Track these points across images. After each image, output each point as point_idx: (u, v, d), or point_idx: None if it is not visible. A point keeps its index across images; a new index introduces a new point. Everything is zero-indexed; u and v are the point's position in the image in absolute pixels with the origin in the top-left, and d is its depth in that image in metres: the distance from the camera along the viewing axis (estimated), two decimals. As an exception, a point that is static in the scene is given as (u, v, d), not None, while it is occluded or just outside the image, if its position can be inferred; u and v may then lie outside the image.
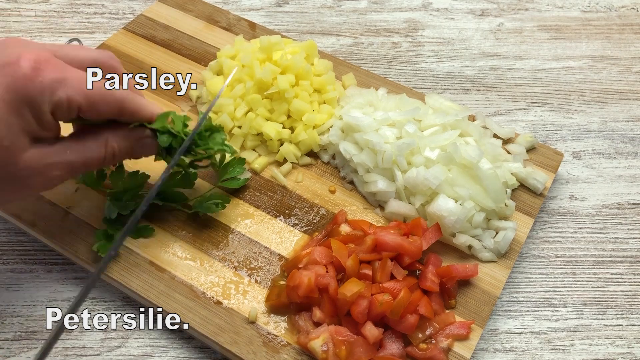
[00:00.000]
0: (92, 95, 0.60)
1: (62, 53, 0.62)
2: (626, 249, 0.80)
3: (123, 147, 0.66)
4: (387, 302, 0.63)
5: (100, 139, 0.64)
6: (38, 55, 0.58)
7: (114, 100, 0.62)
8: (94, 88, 0.60)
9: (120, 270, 0.71)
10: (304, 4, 1.11)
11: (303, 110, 0.81)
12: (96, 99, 0.60)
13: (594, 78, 1.00)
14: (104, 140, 0.64)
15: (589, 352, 0.71)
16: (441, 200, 0.72)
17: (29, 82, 0.56)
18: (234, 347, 0.65)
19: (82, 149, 0.63)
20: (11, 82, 0.56)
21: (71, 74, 0.59)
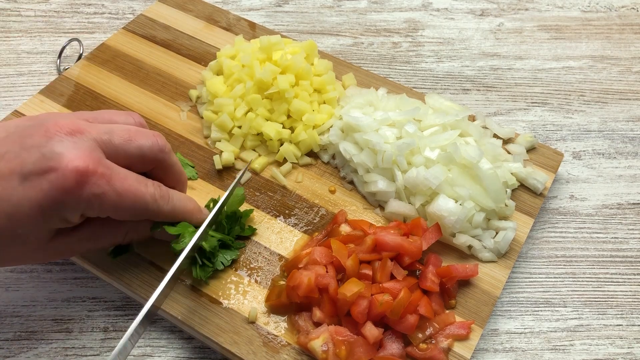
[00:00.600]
0: (123, 209, 0.59)
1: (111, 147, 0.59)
2: (626, 249, 0.80)
3: (141, 234, 0.67)
4: (387, 302, 0.63)
5: (120, 231, 0.64)
6: (86, 163, 0.55)
7: (144, 212, 0.61)
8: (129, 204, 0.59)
9: (120, 270, 0.71)
10: (304, 4, 1.11)
11: (303, 110, 0.81)
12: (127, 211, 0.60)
13: (594, 78, 1.00)
14: (124, 232, 0.65)
15: (589, 352, 0.71)
16: (441, 200, 0.72)
17: (69, 195, 0.55)
18: (234, 347, 0.65)
19: (102, 239, 0.64)
20: (52, 190, 0.54)
21: (114, 186, 0.57)
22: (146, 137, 0.62)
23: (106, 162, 0.58)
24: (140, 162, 0.62)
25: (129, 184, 0.59)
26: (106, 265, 0.71)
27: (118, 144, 0.60)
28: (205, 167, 0.81)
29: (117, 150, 0.59)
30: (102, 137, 0.58)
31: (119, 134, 0.60)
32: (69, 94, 0.88)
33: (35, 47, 1.01)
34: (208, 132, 0.84)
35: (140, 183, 0.60)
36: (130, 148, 0.60)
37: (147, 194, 0.60)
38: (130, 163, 0.61)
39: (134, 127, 0.63)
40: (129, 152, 0.60)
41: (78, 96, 0.88)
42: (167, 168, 0.65)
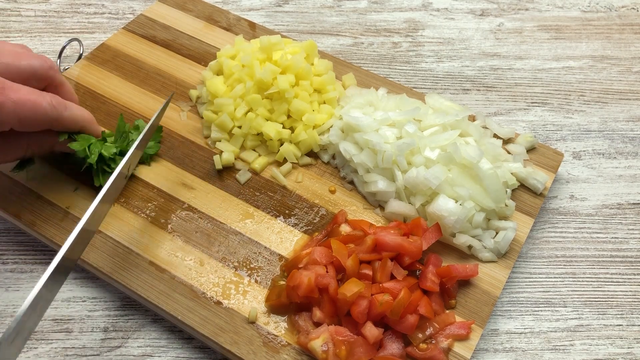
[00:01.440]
0: (25, 118, 0.64)
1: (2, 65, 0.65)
2: (626, 249, 0.80)
3: (43, 147, 0.72)
4: (387, 302, 0.63)
5: (22, 144, 0.70)
6: None
7: (46, 120, 0.67)
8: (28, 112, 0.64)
9: (120, 270, 0.71)
10: (304, 4, 1.11)
11: (303, 110, 0.81)
12: (28, 120, 0.65)
13: (594, 78, 1.00)
14: (25, 144, 0.70)
15: (589, 352, 0.71)
16: (441, 200, 0.72)
17: None
18: (234, 347, 0.65)
19: (4, 153, 0.69)
20: None
21: (9, 96, 0.62)
22: (35, 57, 0.68)
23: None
24: (32, 79, 0.67)
25: (23, 94, 0.64)
26: (106, 265, 0.71)
27: (9, 62, 0.65)
28: (205, 167, 0.81)
29: (8, 68, 0.65)
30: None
31: (8, 55, 0.66)
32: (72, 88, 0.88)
33: (35, 47, 1.00)
34: (208, 132, 0.84)
35: (35, 93, 0.66)
36: (21, 65, 0.66)
37: (44, 101, 0.66)
38: (22, 80, 0.66)
39: (23, 50, 0.69)
40: (20, 68, 0.66)
41: (78, 96, 0.88)
42: (58, 86, 0.71)
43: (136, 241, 0.73)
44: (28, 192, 0.77)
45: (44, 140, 0.72)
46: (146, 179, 0.79)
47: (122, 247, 0.73)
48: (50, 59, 0.70)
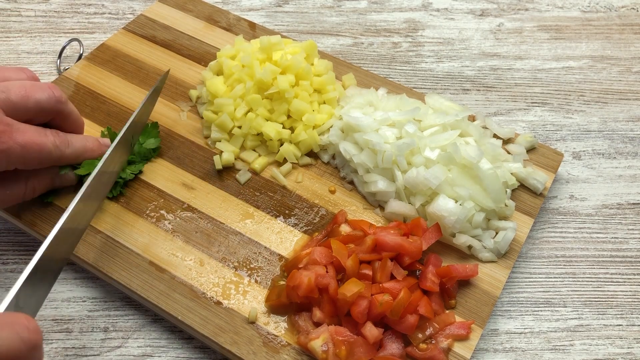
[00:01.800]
0: (30, 159, 0.65)
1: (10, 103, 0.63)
2: (626, 249, 0.80)
3: (43, 183, 0.72)
4: (387, 302, 0.63)
5: (20, 180, 0.69)
6: None
7: (49, 161, 0.67)
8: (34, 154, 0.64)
9: (120, 270, 0.71)
10: (304, 4, 1.11)
11: (303, 110, 0.81)
12: (34, 161, 0.65)
13: (594, 78, 1.00)
14: (24, 181, 0.69)
15: (589, 352, 0.71)
16: (441, 200, 0.72)
17: None
18: (234, 347, 0.65)
19: (3, 190, 0.67)
20: None
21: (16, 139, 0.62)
22: (42, 90, 0.66)
23: (6, 119, 0.62)
24: (39, 115, 0.67)
25: (29, 137, 0.63)
26: (106, 265, 0.71)
27: (16, 101, 0.64)
28: (205, 167, 0.81)
29: (15, 107, 0.64)
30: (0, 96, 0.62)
31: (16, 92, 0.64)
32: (69, 94, 0.88)
33: (35, 47, 1.01)
34: (208, 132, 0.84)
35: (40, 134, 0.65)
36: (28, 103, 0.65)
37: (48, 142, 0.66)
38: (29, 117, 0.66)
39: (29, 82, 0.67)
40: (27, 107, 0.65)
41: (78, 96, 0.88)
42: (65, 117, 0.71)
43: (136, 241, 0.73)
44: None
45: (42, 176, 0.71)
46: (146, 179, 0.79)
47: (122, 247, 0.73)
48: (59, 90, 0.69)
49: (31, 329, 0.47)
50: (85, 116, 0.85)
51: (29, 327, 0.47)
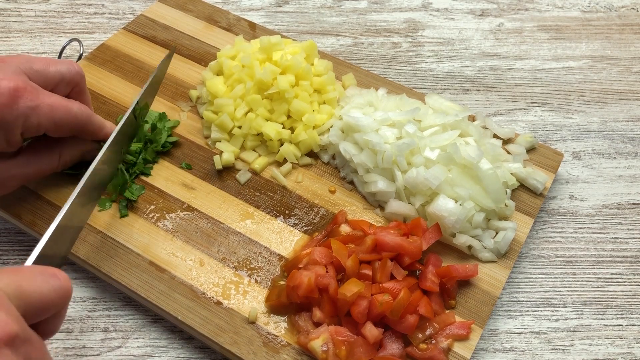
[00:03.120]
0: (59, 121, 0.67)
1: (33, 71, 0.67)
2: (626, 249, 0.80)
3: (74, 156, 0.75)
4: (387, 302, 0.63)
5: (54, 153, 0.73)
6: (16, 82, 0.63)
7: (77, 124, 0.70)
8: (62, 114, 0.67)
9: (120, 270, 0.71)
10: (304, 4, 1.11)
11: (303, 111, 0.81)
12: (62, 123, 0.68)
13: (594, 78, 1.00)
14: (58, 153, 0.73)
15: (589, 352, 0.71)
16: (441, 200, 0.72)
17: (6, 109, 0.62)
18: (234, 347, 0.65)
19: (38, 162, 0.71)
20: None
21: (44, 100, 0.65)
22: (62, 63, 0.71)
23: (32, 83, 0.65)
24: (60, 85, 0.70)
25: (56, 98, 0.67)
26: (106, 265, 0.71)
27: (39, 69, 0.68)
28: (205, 167, 0.81)
29: (38, 74, 0.67)
30: (24, 65, 0.66)
31: (38, 62, 0.68)
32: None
33: (35, 47, 1.01)
34: (208, 132, 0.84)
35: (64, 99, 0.69)
36: (50, 71, 0.68)
37: (73, 106, 0.69)
38: (51, 88, 0.69)
39: (50, 58, 0.71)
40: (49, 75, 0.68)
41: (78, 96, 0.88)
42: (82, 92, 0.74)
43: (136, 241, 0.73)
44: (28, 192, 0.77)
45: (74, 147, 0.75)
46: (146, 179, 0.79)
47: (122, 247, 0.73)
48: (79, 65, 0.72)
49: (61, 277, 0.49)
50: (85, 116, 0.85)
51: (59, 276, 0.49)
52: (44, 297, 0.47)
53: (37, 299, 0.47)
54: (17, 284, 0.46)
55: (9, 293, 0.45)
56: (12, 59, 0.67)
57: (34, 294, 0.47)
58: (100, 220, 0.75)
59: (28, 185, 0.77)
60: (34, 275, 0.48)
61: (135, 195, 0.76)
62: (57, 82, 0.70)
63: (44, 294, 0.47)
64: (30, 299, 0.46)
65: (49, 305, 0.48)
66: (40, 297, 0.47)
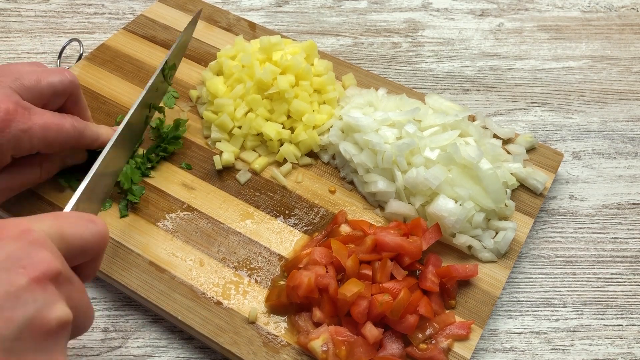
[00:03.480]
0: (51, 140, 0.66)
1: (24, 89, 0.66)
2: (626, 249, 0.80)
3: (57, 164, 0.74)
4: (387, 302, 0.63)
5: (35, 164, 0.71)
6: (7, 105, 0.62)
7: (69, 140, 0.69)
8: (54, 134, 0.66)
9: (120, 270, 0.71)
10: (304, 4, 1.11)
11: (303, 111, 0.81)
12: (54, 142, 0.67)
13: (594, 78, 1.00)
14: (39, 165, 0.72)
15: (589, 352, 0.71)
16: (441, 200, 0.72)
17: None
18: (234, 347, 0.65)
19: (20, 175, 0.70)
20: None
21: (35, 122, 0.64)
22: (54, 74, 0.69)
23: (24, 103, 0.64)
24: (53, 98, 0.69)
25: (47, 118, 0.66)
26: (106, 265, 0.71)
27: (30, 86, 0.66)
28: (205, 167, 0.81)
29: (30, 91, 0.66)
30: (14, 83, 0.65)
31: (28, 78, 0.67)
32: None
33: (35, 47, 1.01)
34: (208, 133, 0.84)
35: (57, 116, 0.68)
36: (42, 86, 0.67)
37: (66, 123, 0.68)
38: (44, 102, 0.68)
39: (40, 69, 0.69)
40: (42, 90, 0.67)
41: (78, 96, 0.88)
42: (77, 100, 0.73)
43: (136, 241, 0.73)
44: (28, 192, 0.77)
45: (56, 158, 0.74)
46: (146, 179, 0.79)
47: (122, 247, 0.73)
48: (71, 72, 0.71)
49: (99, 223, 0.52)
50: (85, 116, 0.85)
51: (97, 221, 0.52)
52: (84, 241, 0.50)
53: (77, 242, 0.49)
54: (59, 227, 0.48)
55: (51, 235, 0.47)
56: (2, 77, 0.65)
57: (75, 237, 0.49)
58: (100, 220, 0.75)
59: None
60: (74, 219, 0.51)
61: (137, 197, 0.76)
62: (50, 96, 0.68)
63: (84, 237, 0.50)
64: (71, 241, 0.49)
65: (88, 249, 0.51)
66: (80, 240, 0.50)
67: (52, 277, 0.45)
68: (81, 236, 0.50)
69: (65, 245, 0.48)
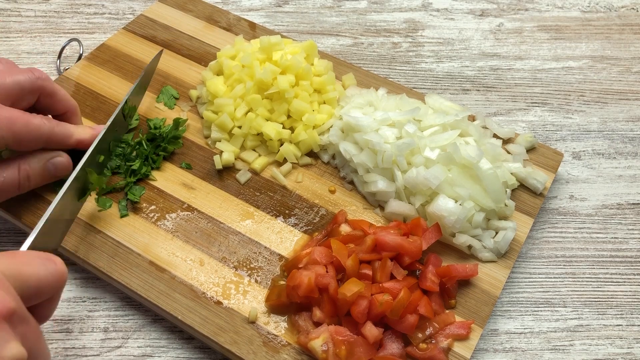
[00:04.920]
0: (19, 133, 0.65)
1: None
2: (626, 249, 0.80)
3: (36, 168, 0.71)
4: (387, 302, 0.63)
5: (13, 166, 0.69)
6: None
7: (39, 136, 0.67)
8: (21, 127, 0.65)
9: (120, 270, 0.71)
10: (304, 4, 1.11)
11: (303, 111, 0.81)
12: (23, 136, 0.65)
13: (594, 78, 1.00)
14: (17, 166, 0.69)
15: (588, 352, 0.71)
16: (441, 200, 0.72)
17: None
18: (234, 347, 0.65)
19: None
20: None
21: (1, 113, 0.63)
22: (20, 72, 0.68)
23: None
24: (20, 94, 0.67)
25: (14, 111, 0.65)
26: (106, 265, 0.71)
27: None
28: (205, 167, 0.81)
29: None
30: None
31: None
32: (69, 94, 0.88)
33: (35, 48, 1.01)
34: (208, 132, 0.84)
35: (26, 113, 0.66)
36: (6, 83, 0.66)
37: (35, 118, 0.66)
38: (13, 100, 0.67)
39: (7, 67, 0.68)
40: (7, 86, 0.66)
41: (78, 96, 0.88)
42: (52, 94, 0.71)
43: (136, 241, 0.73)
44: (28, 192, 0.77)
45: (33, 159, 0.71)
46: (146, 179, 0.79)
47: (122, 247, 0.73)
48: (39, 70, 0.69)
49: (57, 262, 0.51)
50: (85, 116, 0.85)
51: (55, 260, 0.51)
52: (41, 280, 0.49)
53: (34, 282, 0.48)
54: (15, 266, 0.47)
55: (6, 275, 0.46)
56: None
57: (31, 276, 0.48)
58: (101, 220, 0.75)
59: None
60: (31, 258, 0.49)
61: (137, 196, 0.76)
62: (18, 93, 0.67)
63: (41, 276, 0.49)
64: (28, 281, 0.48)
65: (46, 288, 0.49)
66: (37, 279, 0.48)
67: (6, 316, 0.44)
68: (38, 275, 0.48)
69: (21, 285, 0.47)
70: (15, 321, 0.45)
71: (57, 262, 0.51)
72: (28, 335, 0.46)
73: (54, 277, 0.50)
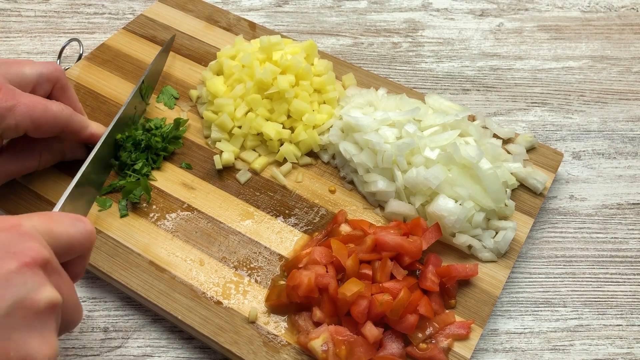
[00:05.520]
0: (38, 120, 0.67)
1: (10, 73, 0.67)
2: (626, 249, 0.80)
3: (56, 155, 0.76)
4: (387, 302, 0.63)
5: (35, 152, 0.74)
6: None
7: (57, 123, 0.70)
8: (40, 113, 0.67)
9: (120, 270, 0.71)
10: (304, 4, 1.11)
11: (303, 110, 0.81)
12: (41, 122, 0.67)
13: (594, 78, 1.00)
14: (39, 153, 0.74)
15: (588, 352, 0.71)
16: (441, 200, 0.72)
17: None
18: (234, 347, 0.65)
19: (19, 161, 0.73)
20: None
21: (20, 99, 0.65)
22: (40, 64, 0.71)
23: (9, 85, 0.66)
24: (40, 83, 0.70)
25: (33, 98, 0.67)
26: (106, 265, 0.71)
27: (15, 71, 0.68)
28: (206, 167, 0.81)
29: (15, 76, 0.68)
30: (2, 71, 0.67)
31: (14, 64, 0.69)
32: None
33: (35, 47, 1.01)
34: (208, 132, 0.84)
35: (43, 99, 0.68)
36: (26, 72, 0.69)
37: (52, 105, 0.69)
38: (31, 88, 0.70)
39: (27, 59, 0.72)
40: (26, 75, 0.69)
41: (78, 96, 0.87)
42: (64, 89, 0.74)
43: (136, 241, 0.73)
44: (28, 191, 0.77)
45: (54, 147, 0.75)
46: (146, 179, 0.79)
47: (122, 247, 0.73)
48: (56, 63, 0.72)
49: (86, 222, 0.54)
50: (85, 116, 0.85)
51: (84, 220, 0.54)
52: (71, 237, 0.52)
53: (65, 239, 0.51)
54: (47, 224, 0.50)
55: (40, 231, 0.49)
56: None
57: (62, 233, 0.51)
58: (101, 220, 0.75)
59: (27, 184, 0.77)
60: (61, 218, 0.53)
61: (137, 196, 0.76)
62: (36, 82, 0.70)
63: (71, 234, 0.52)
64: (59, 238, 0.51)
65: (76, 245, 0.52)
66: (67, 237, 0.51)
67: (41, 263, 0.46)
68: (68, 233, 0.51)
69: (54, 241, 0.50)
70: (50, 270, 0.48)
71: (85, 221, 0.54)
72: (62, 287, 0.49)
73: (83, 235, 0.53)
